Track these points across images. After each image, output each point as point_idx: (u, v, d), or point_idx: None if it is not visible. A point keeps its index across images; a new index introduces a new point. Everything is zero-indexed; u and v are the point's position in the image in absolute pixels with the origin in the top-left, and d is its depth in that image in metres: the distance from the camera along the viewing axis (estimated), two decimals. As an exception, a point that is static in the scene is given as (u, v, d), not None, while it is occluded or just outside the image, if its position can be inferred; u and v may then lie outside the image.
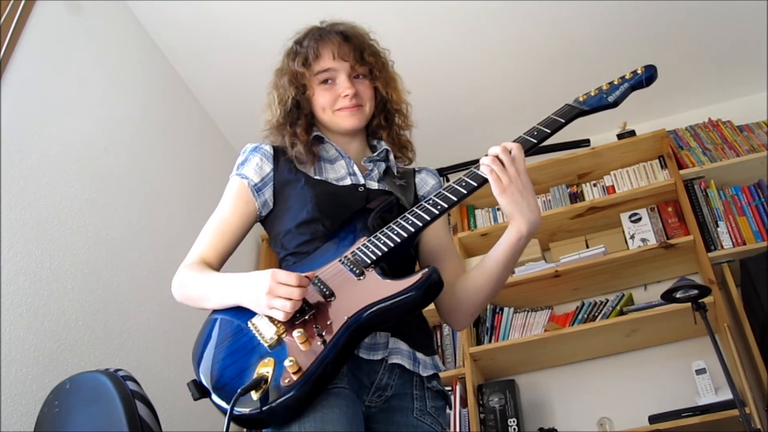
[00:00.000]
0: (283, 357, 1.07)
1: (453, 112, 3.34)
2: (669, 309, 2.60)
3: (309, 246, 1.30)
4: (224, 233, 1.38)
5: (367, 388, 1.22)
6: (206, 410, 2.68)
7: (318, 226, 1.30)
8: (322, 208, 1.31)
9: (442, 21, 2.92)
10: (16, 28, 2.13)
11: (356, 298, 1.12)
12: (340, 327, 1.09)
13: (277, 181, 1.39)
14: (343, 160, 1.43)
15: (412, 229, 1.19)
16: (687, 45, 3.08)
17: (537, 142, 1.24)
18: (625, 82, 1.29)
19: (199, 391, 1.12)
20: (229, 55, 3.00)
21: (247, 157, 1.42)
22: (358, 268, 1.17)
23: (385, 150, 1.46)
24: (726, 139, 3.07)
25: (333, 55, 1.41)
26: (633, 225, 3.02)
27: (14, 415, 1.77)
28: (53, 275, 2.04)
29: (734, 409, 2.32)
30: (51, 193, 2.13)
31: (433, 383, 1.29)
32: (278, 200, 1.39)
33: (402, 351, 1.25)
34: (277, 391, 1.04)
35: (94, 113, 2.46)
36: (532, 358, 2.92)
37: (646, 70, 1.29)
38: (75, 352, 2.03)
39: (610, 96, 1.27)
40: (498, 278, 1.27)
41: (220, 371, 1.14)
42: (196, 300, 1.29)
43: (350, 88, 1.40)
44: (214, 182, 3.22)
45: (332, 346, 1.07)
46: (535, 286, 2.97)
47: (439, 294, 1.12)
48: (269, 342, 1.12)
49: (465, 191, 1.21)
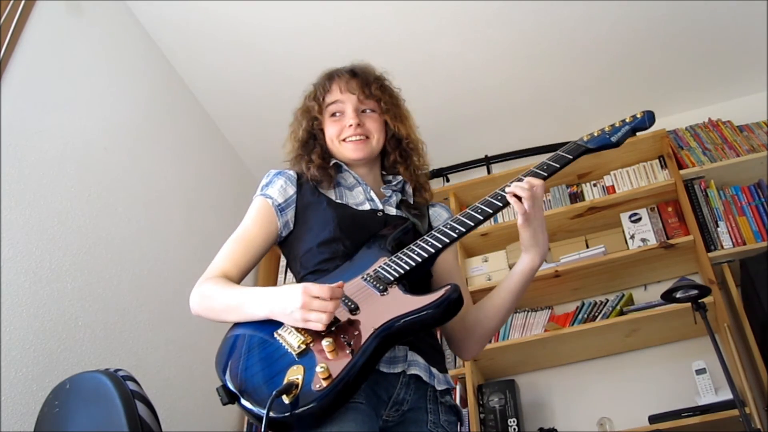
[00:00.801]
0: (313, 364, 1.11)
1: (454, 112, 3.34)
2: (669, 309, 2.60)
3: (329, 264, 1.36)
4: (246, 249, 1.42)
5: (385, 403, 1.26)
6: (206, 410, 2.69)
7: (339, 245, 1.37)
8: (343, 229, 1.38)
9: (444, 23, 2.92)
10: (16, 28, 2.13)
11: (382, 311, 1.18)
12: (368, 337, 1.14)
13: (299, 204, 1.46)
14: (360, 187, 1.50)
15: (432, 250, 1.26)
16: (687, 45, 3.08)
17: (547, 175, 1.32)
18: (626, 125, 1.37)
19: (228, 396, 1.15)
20: (229, 55, 3.01)
21: (272, 179, 1.49)
22: (382, 284, 1.23)
23: (402, 181, 1.54)
24: (726, 139, 3.07)
25: (341, 89, 1.51)
26: (633, 225, 3.02)
27: (14, 415, 1.77)
28: (53, 275, 2.04)
29: (734, 409, 2.32)
30: (51, 193, 2.13)
31: (446, 398, 1.34)
32: (299, 221, 1.45)
33: (419, 364, 1.30)
34: (309, 395, 1.08)
35: (94, 113, 2.46)
36: (532, 358, 2.92)
37: (646, 114, 1.37)
38: (75, 352, 2.04)
39: (613, 137, 1.36)
40: (509, 308, 1.37)
41: (250, 377, 1.17)
42: (219, 312, 1.32)
43: (354, 119, 1.48)
44: (214, 182, 3.23)
45: (361, 353, 1.12)
46: (535, 286, 2.96)
47: (458, 312, 1.18)
48: (297, 351, 1.15)
49: (482, 217, 1.29)
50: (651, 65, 3.16)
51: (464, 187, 3.31)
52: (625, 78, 3.23)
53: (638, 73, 3.21)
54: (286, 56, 3.03)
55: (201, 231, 2.90)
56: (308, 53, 2.99)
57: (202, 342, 2.55)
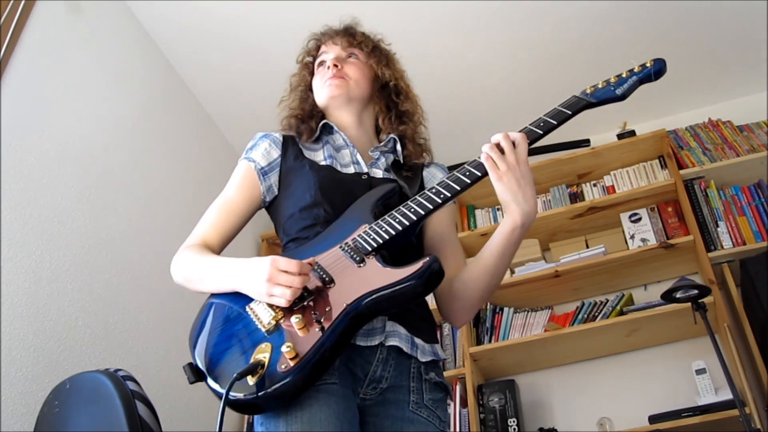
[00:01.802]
0: (281, 343, 1.05)
1: (453, 111, 3.34)
2: (669, 309, 2.59)
3: (310, 231, 1.30)
4: (228, 215, 1.38)
5: (361, 381, 1.19)
6: (206, 410, 2.69)
7: (320, 210, 1.30)
8: (325, 193, 1.32)
9: (443, 21, 2.92)
10: (16, 28, 2.13)
11: (356, 285, 1.10)
12: (339, 314, 1.07)
13: (283, 168, 1.41)
14: (348, 149, 1.44)
15: (414, 217, 1.18)
16: (687, 45, 3.08)
17: (543, 133, 1.22)
18: (634, 75, 1.27)
19: (195, 374, 1.11)
20: (229, 55, 3.01)
21: (257, 142, 1.45)
22: (359, 255, 1.15)
23: (392, 139, 1.47)
24: (726, 139, 3.07)
25: (328, 42, 1.54)
26: (633, 225, 3.02)
27: (14, 415, 1.77)
28: (53, 275, 2.04)
29: (734, 409, 2.32)
30: (51, 193, 2.13)
31: (431, 375, 1.26)
32: (283, 185, 1.39)
33: (400, 334, 1.22)
34: (274, 377, 1.03)
35: (94, 113, 2.46)
36: (532, 358, 2.92)
37: (655, 64, 1.27)
38: (75, 352, 2.03)
39: (618, 89, 1.26)
40: (494, 271, 1.25)
41: (217, 355, 1.12)
42: (194, 282, 1.29)
43: (332, 61, 1.47)
44: (214, 182, 3.21)
45: (330, 332, 1.05)
46: (535, 286, 2.97)
47: (440, 284, 1.11)
48: (267, 327, 1.10)
49: (468, 180, 1.20)
50: (651, 65, 3.16)
51: (464, 187, 3.30)
52: (625, 78, 3.23)
53: (638, 73, 3.21)
54: (286, 56, 3.00)
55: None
56: (308, 53, 2.99)
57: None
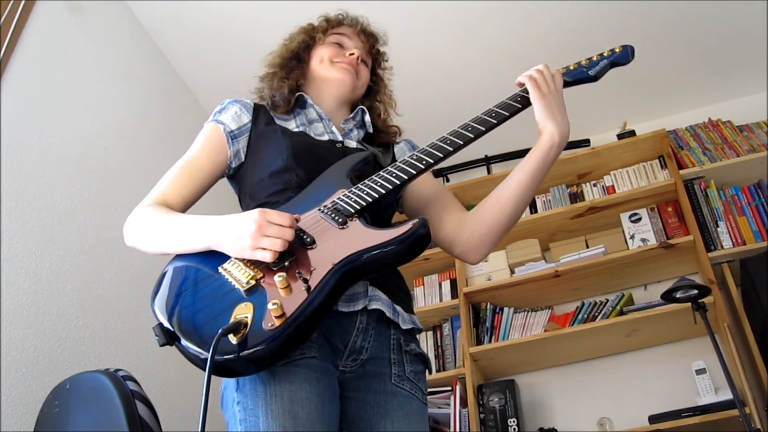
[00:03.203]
0: (264, 302, 0.99)
1: (453, 112, 3.32)
2: (669, 309, 2.59)
3: (280, 196, 1.24)
4: (191, 176, 1.31)
5: (341, 352, 1.15)
6: (206, 410, 2.67)
7: (292, 175, 1.25)
8: (297, 158, 1.27)
9: (441, 19, 2.92)
10: (16, 28, 2.14)
11: (341, 245, 1.06)
12: (326, 272, 1.01)
13: (253, 133, 1.35)
14: (321, 122, 1.41)
15: (397, 181, 1.17)
16: (687, 45, 3.08)
17: (509, 114, 1.27)
18: (604, 58, 1.31)
19: (165, 336, 1.02)
20: (228, 55, 3.01)
21: (226, 106, 1.41)
22: (341, 216, 1.11)
23: (361, 110, 1.46)
24: (726, 139, 3.07)
25: (353, 32, 1.50)
26: (633, 225, 3.02)
27: (14, 415, 1.77)
28: (53, 275, 2.04)
29: (734, 409, 2.32)
30: (51, 193, 2.13)
31: (411, 346, 1.23)
32: (251, 151, 1.34)
33: (382, 299, 1.19)
34: (259, 335, 0.95)
35: (94, 113, 2.46)
36: (532, 358, 2.92)
37: (624, 49, 1.31)
38: (75, 352, 2.03)
39: (591, 70, 1.31)
40: (525, 192, 1.24)
41: (190, 316, 1.04)
42: (154, 242, 1.20)
43: (358, 51, 1.46)
44: (214, 182, 3.23)
45: (318, 290, 1.00)
46: (535, 286, 2.97)
47: (426, 247, 1.08)
48: (246, 286, 1.02)
49: (451, 148, 1.21)
50: (651, 65, 3.16)
51: (464, 187, 3.31)
52: (625, 78, 3.22)
53: (638, 73, 3.21)
54: (286, 56, 3.03)
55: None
56: (308, 53, 3.00)
57: (202, 342, 2.55)
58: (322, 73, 1.45)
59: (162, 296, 1.09)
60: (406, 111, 1.62)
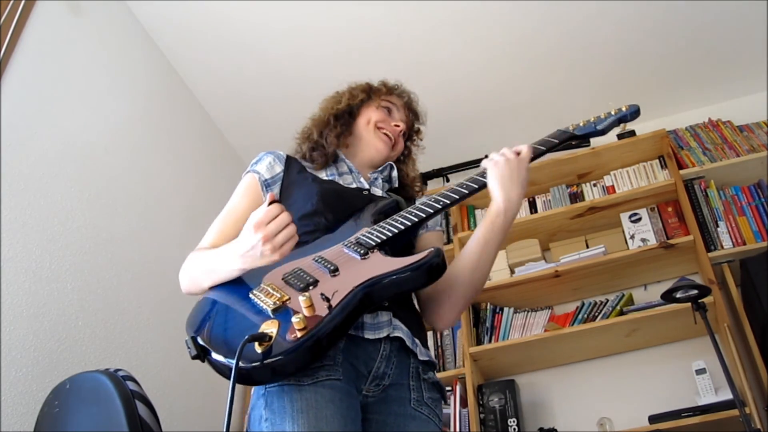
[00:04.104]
0: (288, 317, 1.07)
1: (454, 112, 3.34)
2: (669, 309, 2.59)
3: (309, 236, 1.33)
4: (236, 224, 1.40)
5: (365, 377, 1.22)
6: (206, 410, 2.68)
7: (321, 218, 1.35)
8: (327, 202, 1.37)
9: (444, 23, 2.92)
10: (16, 28, 2.14)
11: (362, 271, 1.16)
12: (348, 293, 1.11)
13: (285, 181, 1.46)
14: (351, 174, 1.52)
15: (415, 219, 1.27)
16: (687, 45, 3.08)
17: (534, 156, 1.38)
18: (611, 116, 1.46)
19: (197, 348, 1.11)
20: (229, 55, 3.01)
21: (261, 157, 1.51)
22: (363, 249, 1.21)
23: (389, 165, 1.56)
24: (726, 139, 3.07)
25: (402, 103, 1.64)
26: (633, 225, 3.02)
27: (14, 415, 1.77)
28: (53, 275, 2.04)
29: (734, 409, 2.32)
30: (51, 193, 2.13)
31: (429, 374, 1.32)
32: (283, 198, 1.44)
33: (403, 329, 1.28)
34: (282, 344, 1.04)
35: (94, 113, 2.47)
36: (532, 358, 2.92)
37: (631, 107, 1.47)
38: (75, 352, 2.04)
39: (600, 125, 1.45)
40: (477, 261, 1.32)
41: (221, 332, 1.14)
42: (199, 279, 1.30)
43: (403, 124, 1.60)
44: (214, 182, 3.23)
45: (340, 309, 1.08)
46: (535, 286, 2.97)
47: (440, 277, 1.17)
48: (273, 306, 1.11)
49: (467, 191, 1.33)
50: (651, 65, 3.16)
51: (464, 187, 3.30)
52: (625, 78, 3.23)
53: (638, 73, 3.21)
54: (286, 57, 3.03)
55: (201, 231, 2.88)
56: (308, 54, 2.99)
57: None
58: (365, 135, 1.57)
59: (195, 318, 1.20)
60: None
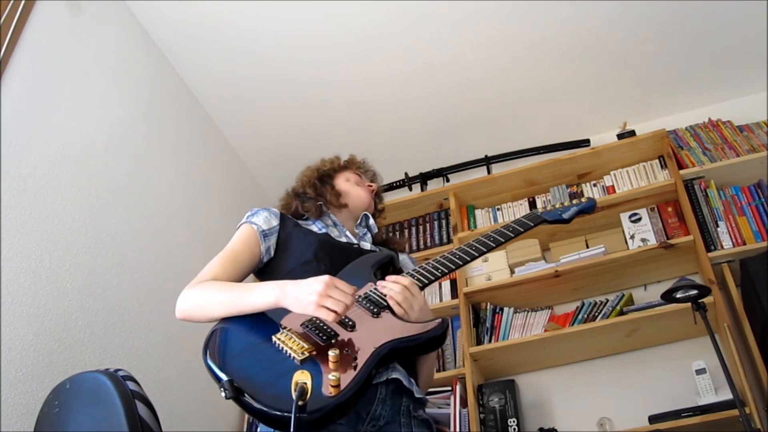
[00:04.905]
0: (319, 371, 1.16)
1: (454, 112, 3.33)
2: (669, 309, 2.59)
3: None
4: (235, 262, 1.49)
5: (363, 419, 1.30)
6: (206, 410, 2.68)
7: (321, 265, 1.46)
8: (324, 251, 1.50)
9: (443, 23, 2.92)
10: (16, 28, 2.14)
11: (380, 332, 1.27)
12: (371, 354, 1.21)
13: (282, 234, 1.57)
14: (336, 228, 1.67)
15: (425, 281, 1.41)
16: (687, 45, 3.08)
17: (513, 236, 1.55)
18: (574, 206, 1.67)
19: (233, 390, 1.15)
20: (229, 56, 3.01)
21: (257, 211, 1.61)
22: (376, 308, 1.33)
23: (365, 215, 1.72)
24: (726, 139, 3.06)
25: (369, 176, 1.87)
26: (633, 225, 3.02)
27: (14, 415, 1.77)
28: (53, 275, 2.04)
29: (734, 409, 2.32)
30: (51, 193, 2.13)
31: (419, 412, 1.40)
32: (280, 249, 1.55)
33: (400, 370, 1.37)
34: (320, 400, 1.11)
35: (94, 113, 2.47)
36: (532, 358, 2.92)
37: (589, 201, 1.70)
38: (75, 352, 2.04)
39: (565, 213, 1.64)
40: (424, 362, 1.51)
41: (254, 376, 1.20)
42: (213, 306, 1.36)
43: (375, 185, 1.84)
44: (214, 182, 3.23)
45: (365, 369, 1.19)
46: (535, 286, 2.97)
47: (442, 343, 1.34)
48: (300, 357, 1.19)
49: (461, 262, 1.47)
50: (651, 65, 3.16)
51: (464, 187, 3.30)
52: (625, 78, 3.23)
53: (638, 73, 3.21)
54: (286, 58, 3.03)
55: (201, 230, 2.90)
56: (308, 55, 3.00)
57: (202, 342, 2.55)
58: (347, 188, 1.74)
59: (219, 353, 1.26)
60: (405, 111, 1.64)
